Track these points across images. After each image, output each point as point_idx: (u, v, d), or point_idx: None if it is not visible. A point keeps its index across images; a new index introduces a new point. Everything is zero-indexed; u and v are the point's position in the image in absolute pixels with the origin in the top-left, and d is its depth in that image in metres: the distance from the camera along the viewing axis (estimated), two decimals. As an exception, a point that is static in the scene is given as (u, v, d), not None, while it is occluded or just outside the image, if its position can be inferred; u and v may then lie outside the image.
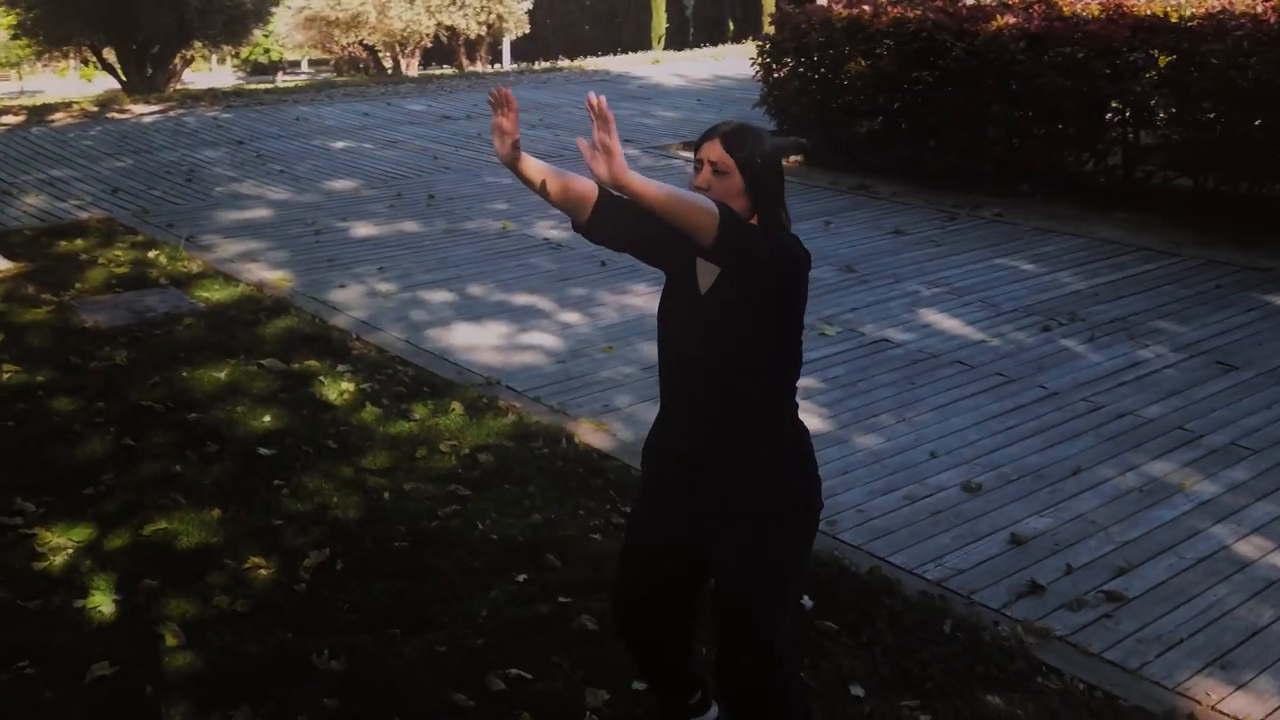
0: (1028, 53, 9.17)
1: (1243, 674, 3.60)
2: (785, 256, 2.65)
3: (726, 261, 2.59)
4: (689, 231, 2.51)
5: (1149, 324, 6.59)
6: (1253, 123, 8.15)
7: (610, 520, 4.49)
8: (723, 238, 2.51)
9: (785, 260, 2.66)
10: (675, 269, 2.86)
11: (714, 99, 15.17)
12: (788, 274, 2.68)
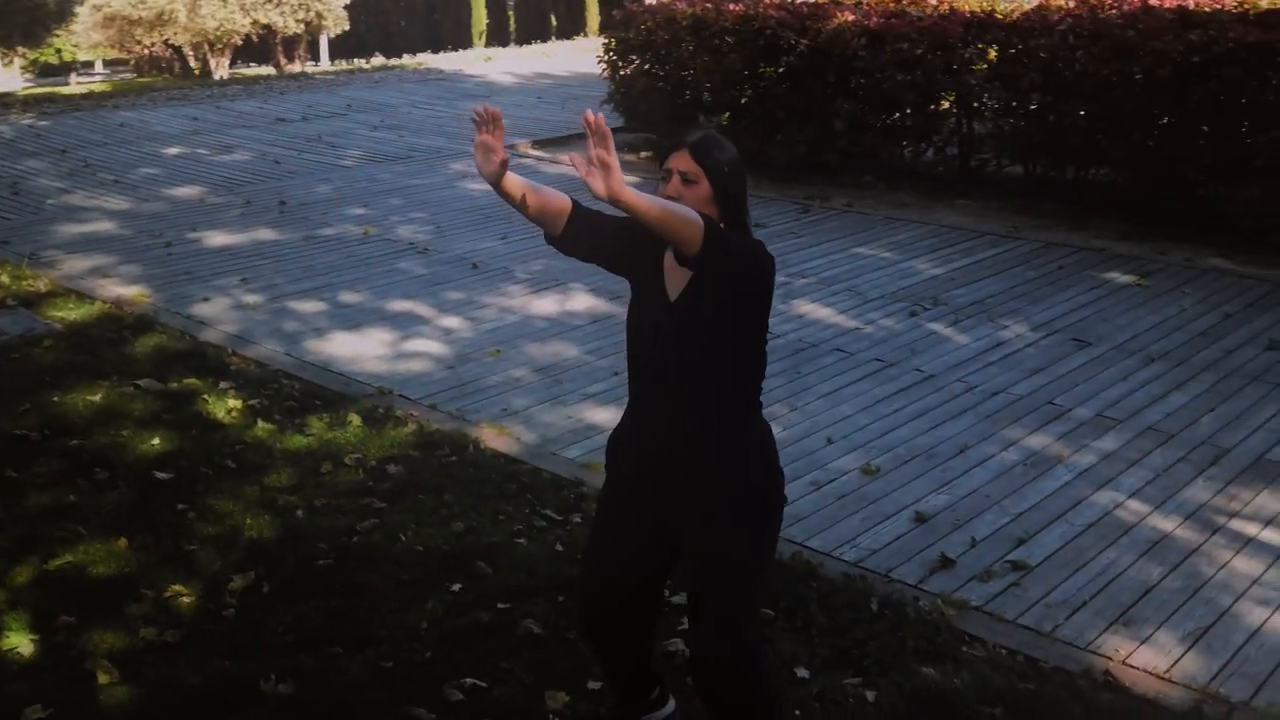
0: (868, 49, 9.53)
1: (1143, 629, 3.90)
2: (759, 262, 2.76)
3: (709, 269, 2.68)
4: (677, 242, 2.60)
5: (1005, 305, 6.98)
6: (1078, 112, 8.67)
7: (533, 524, 4.54)
8: (706, 247, 2.60)
9: (759, 265, 2.76)
10: (641, 277, 2.93)
11: (554, 96, 15.22)
12: (760, 278, 2.79)
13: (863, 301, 7.08)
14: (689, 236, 2.58)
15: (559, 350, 6.42)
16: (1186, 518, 4.59)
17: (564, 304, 7.17)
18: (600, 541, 3.10)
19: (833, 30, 9.67)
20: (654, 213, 2.53)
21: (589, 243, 2.93)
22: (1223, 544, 4.41)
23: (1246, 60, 7.69)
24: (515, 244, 8.46)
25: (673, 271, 2.88)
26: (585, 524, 4.52)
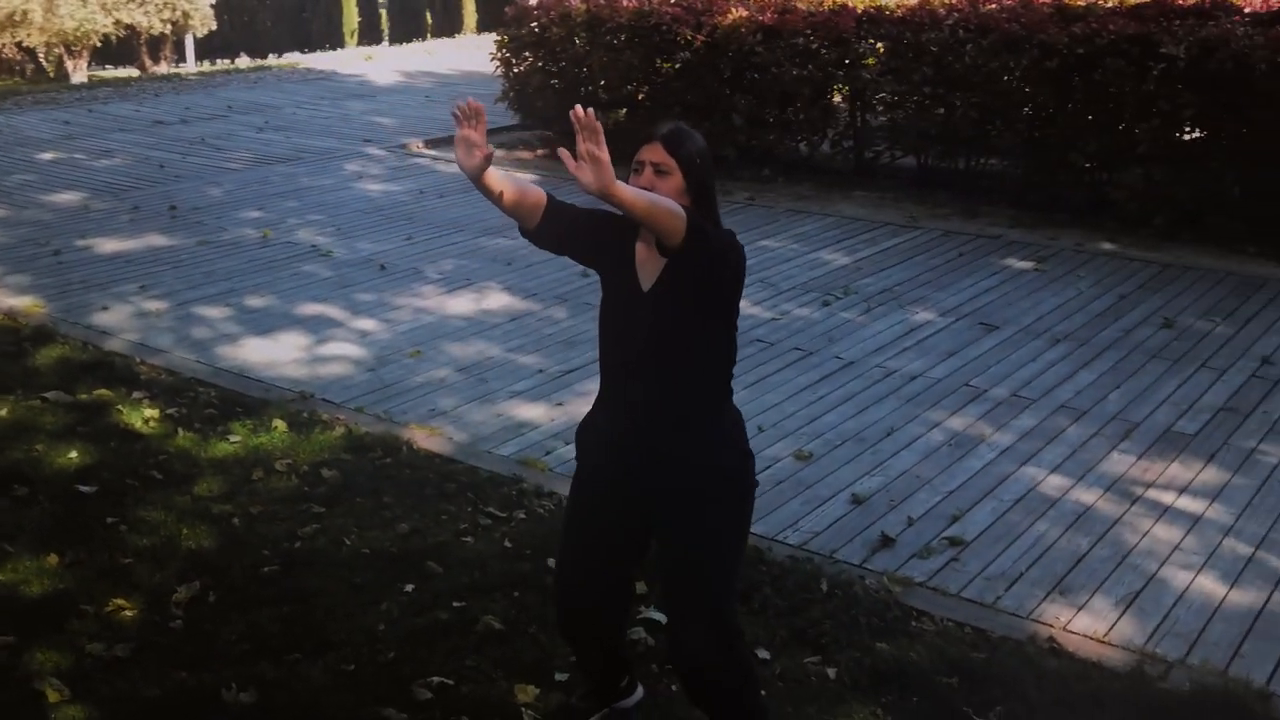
0: (764, 43, 9.69)
1: (1079, 597, 4.07)
2: (733, 252, 2.81)
3: (690, 260, 2.72)
4: (661, 233, 2.63)
5: (913, 293, 7.18)
6: (969, 103, 8.94)
7: (477, 523, 4.53)
8: (689, 238, 2.65)
9: (734, 255, 2.81)
10: (612, 269, 2.96)
11: (442, 95, 15.08)
12: (734, 268, 2.84)
13: (776, 293, 7.20)
14: (673, 229, 2.62)
15: (480, 349, 6.40)
16: (1106, 490, 4.79)
17: (480, 303, 7.14)
18: (576, 533, 3.12)
19: (728, 25, 9.80)
20: (641, 205, 2.56)
21: (562, 235, 2.96)
22: (1142, 513, 4.62)
23: (1128, 51, 8.03)
24: (421, 244, 8.39)
25: (644, 262, 2.92)
26: (530, 520, 4.54)
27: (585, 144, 2.50)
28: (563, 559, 3.17)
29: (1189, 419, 5.42)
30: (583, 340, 6.47)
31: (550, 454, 5.14)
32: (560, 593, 3.18)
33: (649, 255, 2.90)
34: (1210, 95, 7.78)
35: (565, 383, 5.92)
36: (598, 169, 2.49)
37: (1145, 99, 7.96)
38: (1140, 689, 3.53)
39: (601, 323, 3.02)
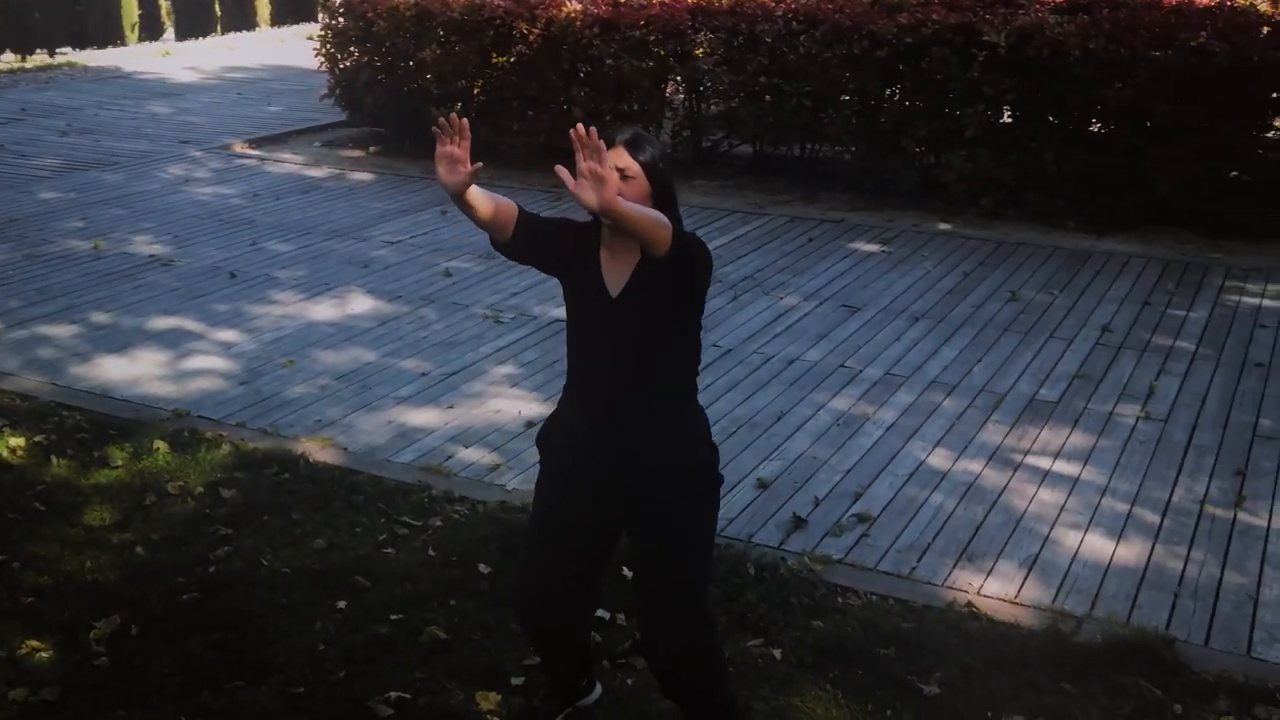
0: (600, 36, 9.77)
1: (985, 562, 4.32)
2: (702, 254, 2.89)
3: (674, 267, 2.78)
4: (650, 243, 2.69)
5: (774, 278, 7.40)
6: (803, 92, 9.24)
7: (395, 533, 4.48)
8: (675, 247, 2.72)
9: (706, 260, 2.89)
10: (578, 276, 2.99)
11: (254, 92, 14.60)
12: (706, 272, 2.92)
13: (641, 284, 7.31)
14: (662, 238, 2.69)
15: (355, 355, 6.29)
16: (989, 459, 5.09)
17: (344, 308, 7.01)
18: (544, 536, 3.15)
19: (564, 18, 9.84)
20: (638, 219, 2.62)
21: (533, 246, 2.98)
22: (1026, 479, 4.92)
23: (952, 40, 8.45)
24: (268, 249, 8.16)
25: (610, 268, 2.96)
26: (448, 527, 4.52)
27: (587, 161, 2.54)
28: (530, 562, 3.20)
29: (1048, 387, 5.79)
30: (460, 341, 6.44)
31: (451, 459, 5.12)
32: (527, 596, 3.21)
33: (614, 262, 2.96)
34: (1029, 80, 8.27)
35: (451, 385, 5.89)
36: (601, 186, 2.53)
37: (970, 85, 8.39)
38: (1058, 644, 3.78)
39: (571, 328, 3.05)
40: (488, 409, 5.61)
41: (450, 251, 8.08)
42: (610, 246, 2.98)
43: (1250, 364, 6.02)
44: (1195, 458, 5.06)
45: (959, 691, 3.56)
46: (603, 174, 2.54)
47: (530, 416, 5.49)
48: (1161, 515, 4.61)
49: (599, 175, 2.53)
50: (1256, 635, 3.88)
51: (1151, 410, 5.50)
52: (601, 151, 2.54)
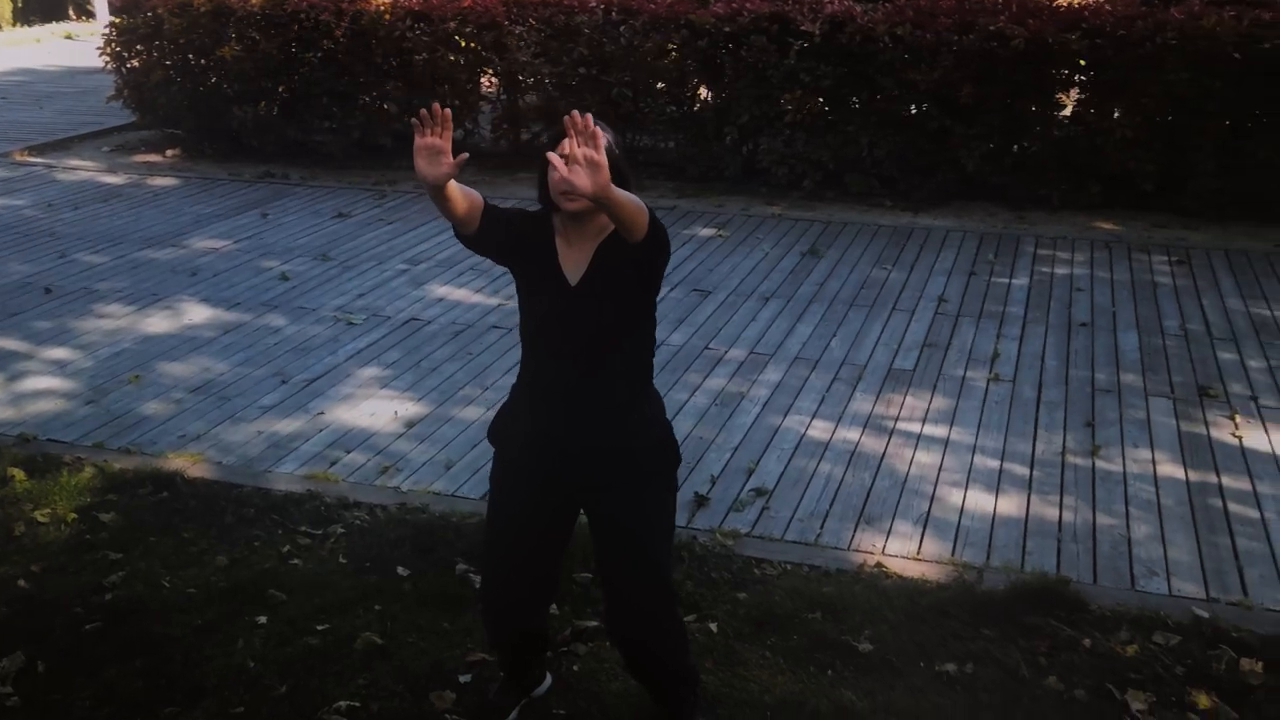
0: (414, 29, 9.62)
1: (883, 524, 4.53)
2: (666, 237, 2.93)
3: (647, 253, 2.82)
4: (633, 229, 2.72)
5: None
6: (623, 82, 9.35)
7: (297, 543, 4.35)
8: (651, 232, 2.76)
9: (666, 241, 2.94)
10: (536, 266, 2.99)
11: (22, 95, 13.79)
12: (667, 258, 2.96)
13: (491, 279, 7.28)
14: (642, 223, 2.73)
15: (205, 366, 6.04)
16: (864, 427, 5.32)
17: (180, 319, 6.70)
18: (505, 529, 3.14)
19: (374, 11, 9.64)
20: (625, 204, 2.66)
21: (496, 238, 2.96)
22: (901, 444, 5.17)
23: (769, 29, 8.73)
24: (80, 261, 7.72)
25: (567, 256, 2.98)
26: (351, 533, 4.42)
27: (582, 148, 2.54)
28: (492, 557, 3.18)
29: (903, 357, 6.08)
30: (315, 346, 6.27)
31: (335, 465, 4.99)
32: (491, 591, 3.20)
33: (571, 250, 2.97)
34: (843, 66, 8.63)
35: (316, 391, 5.73)
36: (596, 173, 2.55)
37: (789, 72, 8.69)
38: (968, 594, 4.01)
39: (528, 318, 3.05)
40: (361, 413, 5.49)
41: (281, 255, 7.82)
42: (566, 235, 2.99)
43: (1075, 324, 6.48)
44: (1047, 413, 5.43)
45: (890, 646, 3.74)
46: (598, 159, 2.55)
47: (408, 417, 5.41)
48: (1030, 468, 4.93)
49: (594, 161, 2.55)
50: (1136, 570, 4.21)
51: (1000, 372, 5.86)
52: (597, 137, 2.56)
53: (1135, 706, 3.46)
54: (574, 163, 2.59)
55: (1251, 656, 3.64)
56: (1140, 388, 5.67)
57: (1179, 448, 5.08)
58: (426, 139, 2.68)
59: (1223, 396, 5.57)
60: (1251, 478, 4.82)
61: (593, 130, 2.57)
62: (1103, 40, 8.07)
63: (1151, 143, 8.19)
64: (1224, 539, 4.39)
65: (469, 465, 4.99)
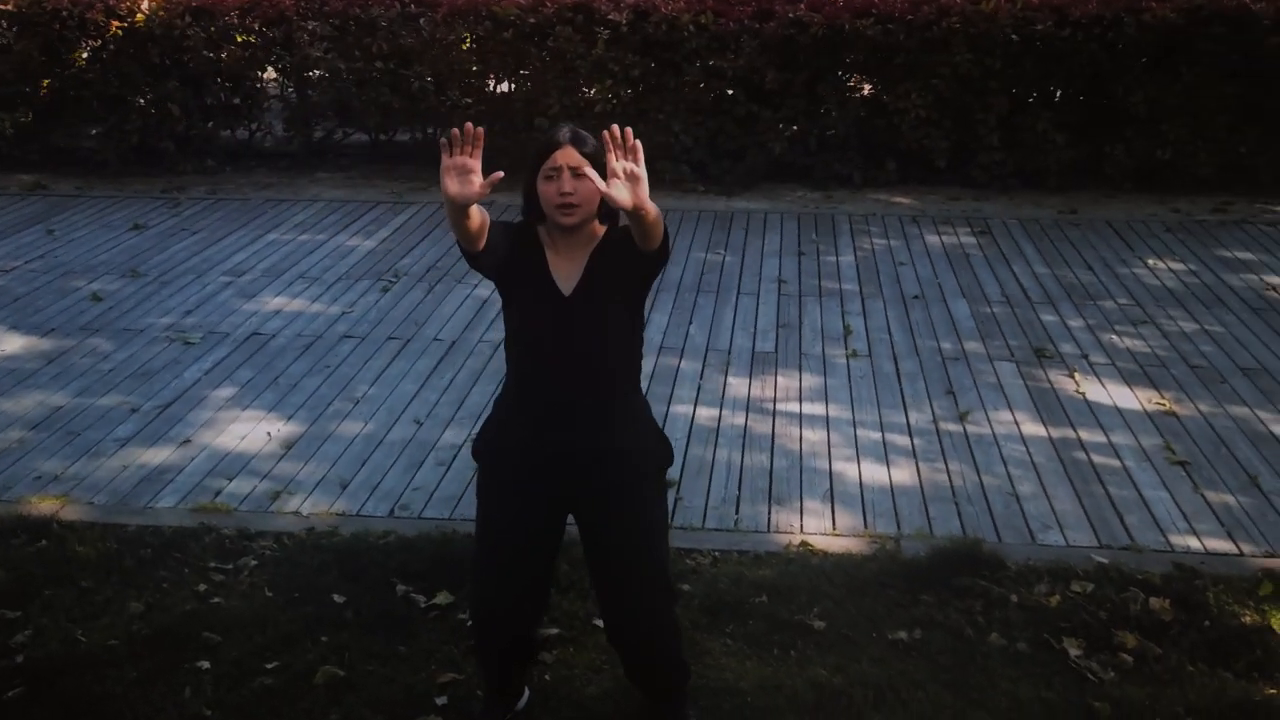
0: (195, 26, 9.13)
1: (792, 504, 4.69)
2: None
3: (660, 261, 2.85)
4: (655, 238, 2.73)
5: (458, 267, 7.38)
6: (424, 77, 9.18)
7: (211, 580, 4.12)
8: (666, 240, 2.78)
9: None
10: (528, 279, 2.96)
11: None
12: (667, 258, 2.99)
13: (326, 286, 7.04)
14: (660, 233, 2.76)
15: (40, 400, 5.60)
16: (747, 411, 5.47)
17: (-7, 348, 6.18)
18: (500, 540, 3.10)
19: (150, 7, 9.09)
20: (655, 215, 2.67)
21: (499, 253, 2.91)
22: (786, 424, 5.35)
23: (574, 19, 8.76)
24: None
25: (559, 267, 2.96)
26: (267, 564, 4.23)
27: (622, 162, 2.54)
28: (488, 570, 3.14)
29: (762, 339, 6.28)
30: (156, 370, 5.92)
31: (221, 494, 4.75)
32: (489, 603, 3.16)
33: (562, 260, 2.96)
34: (651, 55, 8.76)
35: (173, 417, 5.42)
36: (636, 186, 2.55)
37: (597, 62, 8.75)
38: (895, 564, 4.22)
39: (520, 330, 3.01)
40: (230, 437, 5.23)
41: (84, 273, 7.31)
42: (554, 245, 2.98)
43: (908, 297, 6.86)
44: (909, 384, 5.74)
45: (841, 621, 3.89)
46: (638, 173, 2.56)
47: (283, 438, 5.20)
48: (910, 437, 5.21)
49: (634, 174, 2.55)
50: (1033, 526, 4.53)
51: (855, 348, 6.14)
52: (638, 151, 2.56)
53: (1073, 653, 3.74)
54: (613, 176, 2.58)
55: (1159, 595, 3.99)
56: (984, 353, 6.07)
57: (1034, 407, 5.48)
58: (456, 158, 2.62)
59: (1057, 356, 6.03)
60: (1104, 430, 5.26)
61: (634, 144, 2.57)
62: (894, 25, 8.52)
63: (942, 121, 8.72)
64: (1098, 489, 4.78)
65: (365, 483, 4.84)
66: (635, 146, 2.60)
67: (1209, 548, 4.36)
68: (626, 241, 2.90)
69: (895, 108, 8.71)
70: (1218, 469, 4.90)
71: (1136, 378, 5.77)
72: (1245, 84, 8.51)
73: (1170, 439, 5.14)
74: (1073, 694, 3.55)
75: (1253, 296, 6.81)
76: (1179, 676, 3.63)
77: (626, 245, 2.90)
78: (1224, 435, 5.18)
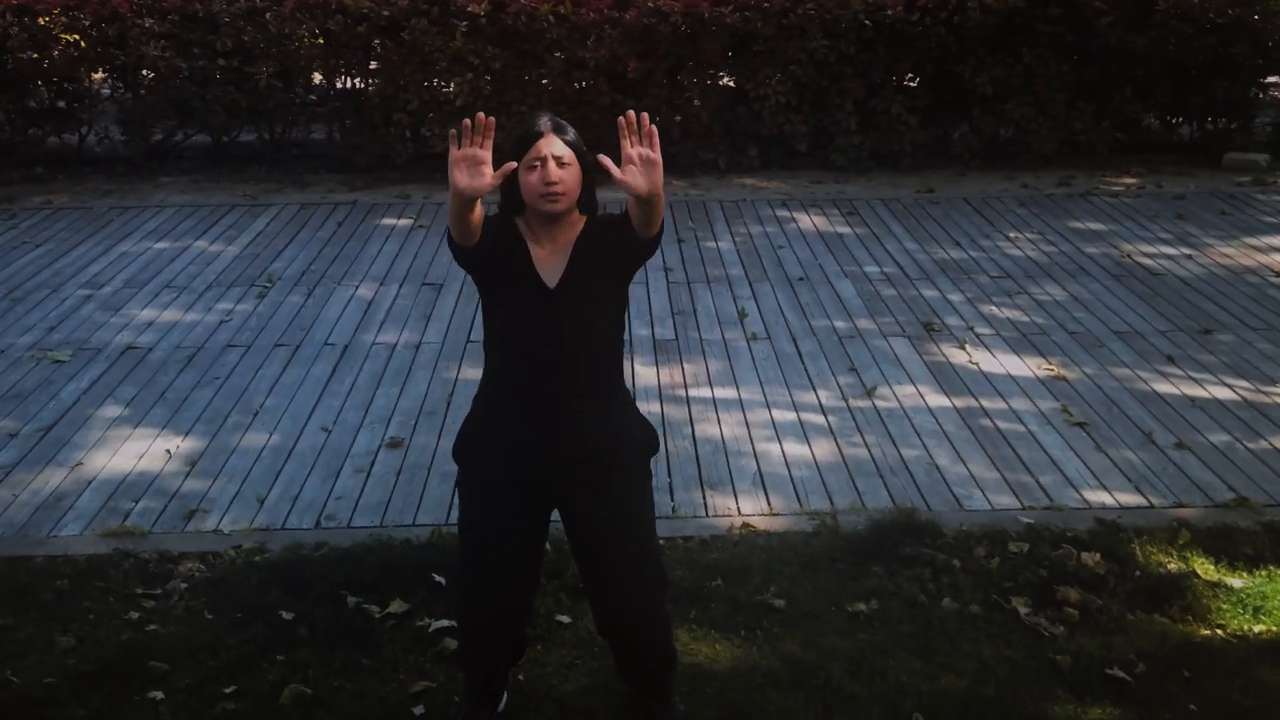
0: (16, 25, 8.59)
1: (725, 488, 4.71)
2: None
3: (653, 247, 2.83)
4: (654, 224, 2.72)
5: (334, 268, 7.16)
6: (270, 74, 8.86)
7: (142, 606, 3.89)
8: (662, 226, 2.76)
9: None
10: (510, 273, 2.89)
11: None
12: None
13: (197, 295, 6.73)
14: (661, 219, 2.74)
15: (-99, 428, 5.19)
16: (661, 399, 5.47)
17: None
18: (488, 540, 3.04)
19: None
20: (662, 201, 2.65)
21: (486, 248, 2.83)
22: (702, 410, 5.36)
23: (429, 11, 8.59)
24: None
25: (541, 259, 2.91)
26: (197, 586, 4.02)
27: (637, 148, 2.50)
28: (477, 575, 3.07)
29: (660, 327, 6.29)
30: (28, 391, 5.57)
31: (130, 517, 4.49)
32: (479, 609, 3.09)
33: (544, 252, 2.92)
34: (511, 47, 8.67)
35: (58, 439, 5.10)
36: (652, 172, 2.52)
37: (456, 55, 8.61)
38: (839, 539, 4.28)
39: (502, 327, 2.94)
40: (127, 457, 4.95)
41: (-75, 292, 6.80)
42: (535, 236, 2.93)
43: (794, 279, 6.98)
44: (812, 364, 5.84)
45: (800, 598, 3.93)
46: (655, 158, 2.53)
47: (184, 454, 4.96)
48: (824, 415, 5.30)
49: (651, 160, 2.52)
50: (957, 493, 4.66)
51: (754, 331, 6.22)
52: (654, 136, 2.53)
53: (1023, 611, 3.87)
54: (629, 163, 2.55)
55: (1089, 550, 4.18)
56: (876, 330, 6.23)
57: (934, 379, 5.65)
58: (468, 150, 2.54)
59: (945, 329, 6.23)
60: (1003, 397, 5.46)
61: (650, 129, 2.54)
62: (751, 13, 8.65)
63: (801, 106, 8.90)
64: (1009, 453, 4.96)
65: (283, 496, 4.66)
66: (651, 131, 2.57)
67: (1122, 502, 4.58)
68: (610, 230, 2.88)
69: (756, 94, 8.84)
70: (1114, 428, 5.16)
71: (1022, 346, 6.01)
72: (1080, 64, 8.96)
73: (1065, 402, 5.38)
74: (1032, 650, 3.68)
75: (1110, 264, 7.19)
76: (1122, 625, 3.80)
77: (611, 233, 2.88)
78: (1113, 396, 5.45)
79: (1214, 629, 3.79)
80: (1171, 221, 8.01)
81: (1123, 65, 8.97)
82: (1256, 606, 3.88)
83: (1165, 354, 5.88)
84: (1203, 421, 5.19)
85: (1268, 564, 4.11)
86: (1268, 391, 5.47)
